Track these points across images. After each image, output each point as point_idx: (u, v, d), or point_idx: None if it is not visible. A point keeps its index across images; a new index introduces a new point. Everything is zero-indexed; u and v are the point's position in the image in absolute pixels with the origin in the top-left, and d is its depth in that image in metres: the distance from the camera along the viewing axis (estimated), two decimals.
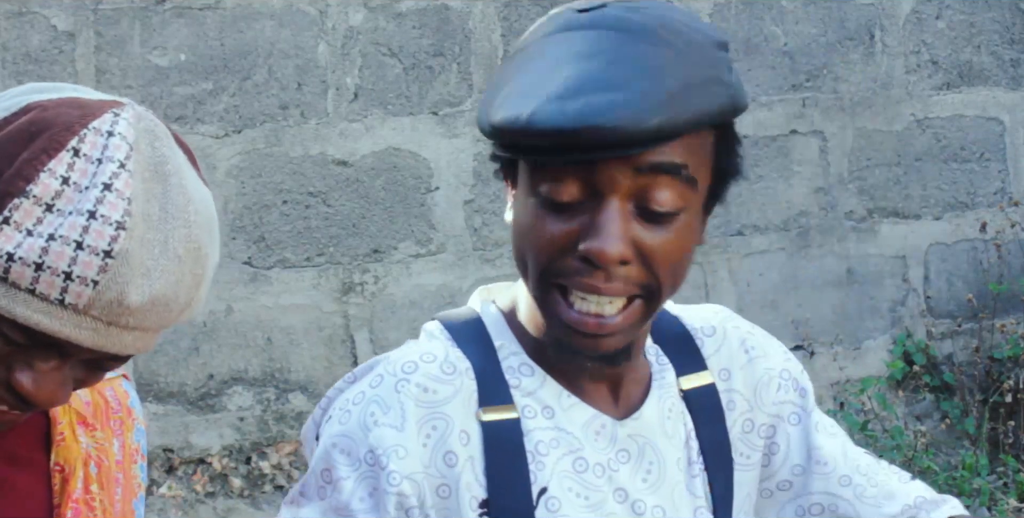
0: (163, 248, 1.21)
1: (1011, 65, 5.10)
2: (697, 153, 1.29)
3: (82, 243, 1.17)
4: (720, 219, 4.60)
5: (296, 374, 4.08)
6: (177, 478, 3.97)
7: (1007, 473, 4.61)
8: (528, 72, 1.29)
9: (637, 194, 1.27)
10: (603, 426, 1.36)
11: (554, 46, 1.30)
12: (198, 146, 3.98)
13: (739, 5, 4.65)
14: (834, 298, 4.77)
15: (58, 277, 1.17)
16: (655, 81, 1.24)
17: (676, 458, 1.39)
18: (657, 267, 1.29)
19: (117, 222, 1.17)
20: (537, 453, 1.33)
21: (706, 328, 1.47)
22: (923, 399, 4.91)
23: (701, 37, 1.30)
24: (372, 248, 4.17)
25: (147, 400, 3.93)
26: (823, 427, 1.49)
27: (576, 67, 1.26)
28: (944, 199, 4.97)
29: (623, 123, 1.22)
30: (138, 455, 1.49)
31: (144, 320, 1.22)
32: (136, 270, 1.19)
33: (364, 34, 4.16)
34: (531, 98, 1.25)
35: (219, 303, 3.99)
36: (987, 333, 4.90)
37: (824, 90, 4.78)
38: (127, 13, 3.91)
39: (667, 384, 1.41)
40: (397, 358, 1.35)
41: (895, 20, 4.90)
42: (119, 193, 1.18)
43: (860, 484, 1.46)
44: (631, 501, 1.35)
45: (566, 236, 1.27)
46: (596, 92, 1.23)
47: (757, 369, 1.47)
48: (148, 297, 1.20)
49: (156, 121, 1.25)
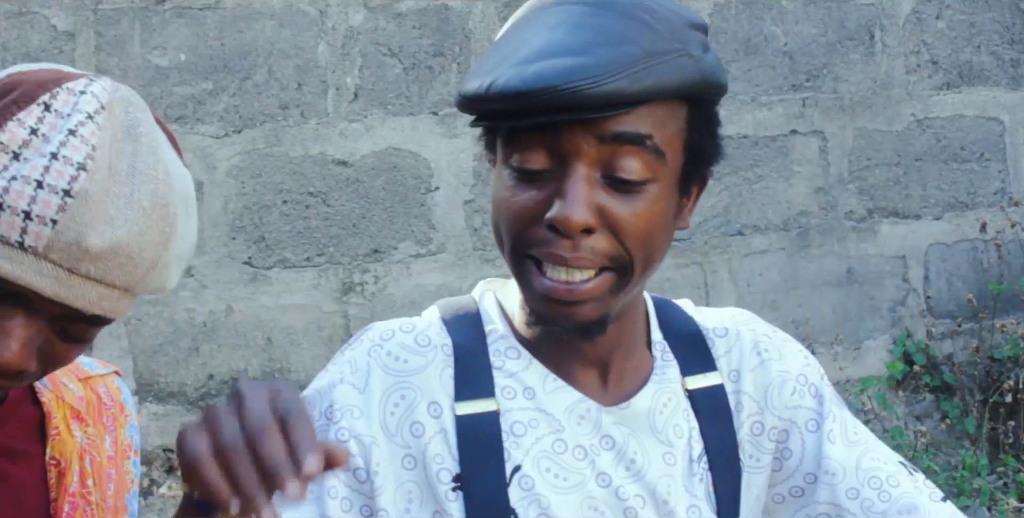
0: (128, 200, 1.21)
1: (1011, 65, 5.10)
2: (665, 126, 1.28)
3: (42, 182, 1.18)
4: (720, 219, 4.60)
5: (296, 374, 4.08)
6: (177, 478, 3.97)
7: (1007, 473, 4.61)
8: (497, 49, 1.31)
9: (603, 163, 1.27)
10: (588, 410, 1.36)
11: (524, 24, 1.32)
12: (198, 146, 3.98)
13: (739, 5, 4.65)
14: (834, 298, 4.77)
15: (17, 217, 1.18)
16: (616, 48, 1.25)
17: (663, 453, 1.37)
18: (625, 238, 1.28)
19: (79, 163, 1.19)
20: (512, 433, 1.33)
21: (719, 329, 1.46)
22: (923, 399, 4.91)
23: (674, 16, 1.30)
24: (372, 248, 4.17)
25: (147, 400, 3.93)
26: (841, 435, 1.45)
27: (540, 37, 1.28)
28: (944, 199, 4.97)
29: (579, 85, 1.22)
30: (131, 451, 1.49)
31: (107, 271, 1.21)
32: (97, 214, 1.19)
33: (364, 34, 4.16)
34: (496, 67, 1.27)
35: (219, 303, 3.99)
36: (987, 333, 4.90)
37: (824, 90, 4.78)
38: (127, 13, 3.91)
39: (667, 380, 1.41)
40: (381, 325, 1.39)
41: (895, 20, 4.90)
42: (83, 139, 1.20)
43: (868, 498, 1.42)
44: (614, 487, 1.35)
45: (535, 205, 1.28)
46: (555, 57, 1.24)
47: (770, 372, 1.44)
48: (109, 243, 1.20)
49: (135, 95, 1.27)
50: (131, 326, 3.91)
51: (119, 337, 3.90)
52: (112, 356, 3.89)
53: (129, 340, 3.91)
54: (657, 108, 1.27)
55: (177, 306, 3.95)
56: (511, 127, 1.29)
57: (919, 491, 1.44)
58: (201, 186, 3.98)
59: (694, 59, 1.28)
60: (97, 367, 1.50)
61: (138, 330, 3.92)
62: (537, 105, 1.24)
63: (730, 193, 4.62)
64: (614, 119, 1.25)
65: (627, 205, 1.27)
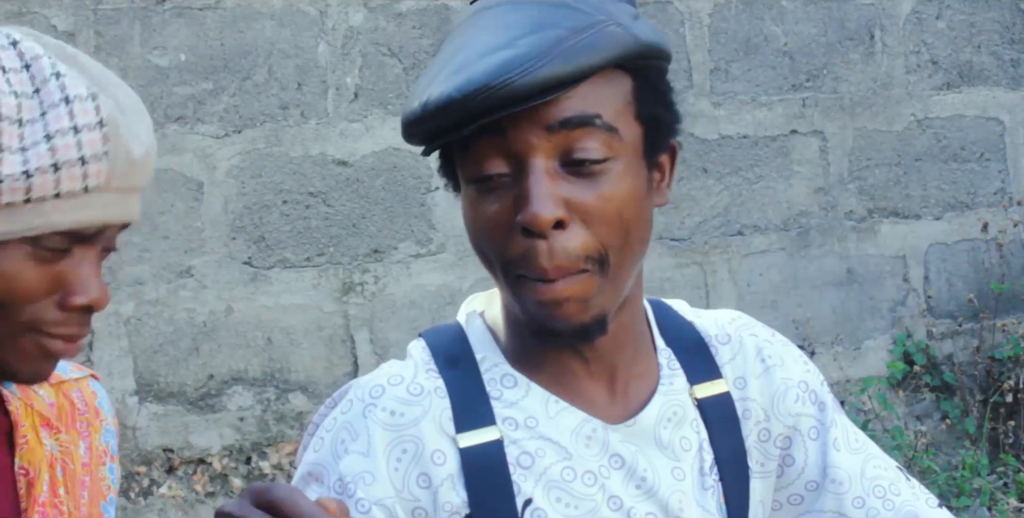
0: (117, 104, 1.26)
1: (1011, 65, 5.10)
2: (611, 101, 1.26)
3: (77, 126, 1.23)
4: (720, 219, 4.60)
5: (296, 374, 4.08)
6: (177, 478, 3.96)
7: (1007, 473, 4.61)
8: (426, 72, 1.30)
9: (558, 152, 1.24)
10: (594, 431, 1.33)
11: (447, 42, 1.31)
12: (198, 146, 3.98)
13: (739, 5, 4.65)
14: (834, 298, 4.77)
15: (75, 167, 1.22)
16: (542, 34, 1.22)
17: (672, 468, 1.35)
18: (598, 225, 1.25)
19: (89, 94, 1.24)
20: (519, 466, 1.30)
21: (721, 336, 1.43)
22: (923, 399, 4.91)
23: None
24: (372, 248, 4.17)
25: (147, 400, 3.93)
26: (844, 442, 1.43)
27: (464, 46, 1.26)
28: (944, 199, 4.97)
29: (511, 77, 1.20)
30: (107, 456, 1.48)
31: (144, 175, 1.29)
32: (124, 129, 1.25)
33: (364, 34, 4.16)
34: (426, 88, 1.26)
35: (219, 303, 3.99)
36: (987, 333, 4.90)
37: (824, 90, 4.78)
38: (127, 13, 3.91)
39: (675, 390, 1.38)
40: (366, 382, 1.34)
41: (895, 20, 4.90)
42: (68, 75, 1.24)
43: (874, 507, 1.41)
44: (626, 509, 1.32)
45: (504, 212, 1.26)
46: (482, 57, 1.22)
47: (774, 379, 1.42)
48: (145, 149, 1.28)
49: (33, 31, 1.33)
50: (131, 326, 3.91)
51: (119, 337, 3.90)
52: (112, 356, 3.89)
53: (129, 340, 3.91)
54: (598, 85, 1.24)
55: (177, 306, 3.95)
56: (460, 139, 1.26)
57: (917, 498, 1.43)
58: (201, 186, 3.98)
59: (623, 27, 1.25)
60: (71, 371, 1.47)
61: (138, 330, 3.91)
62: (477, 109, 1.21)
63: (730, 193, 4.62)
64: (557, 106, 1.23)
65: (592, 189, 1.25)
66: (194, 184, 3.97)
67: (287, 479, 4.06)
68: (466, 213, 1.31)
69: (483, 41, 1.24)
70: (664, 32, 4.91)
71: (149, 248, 3.91)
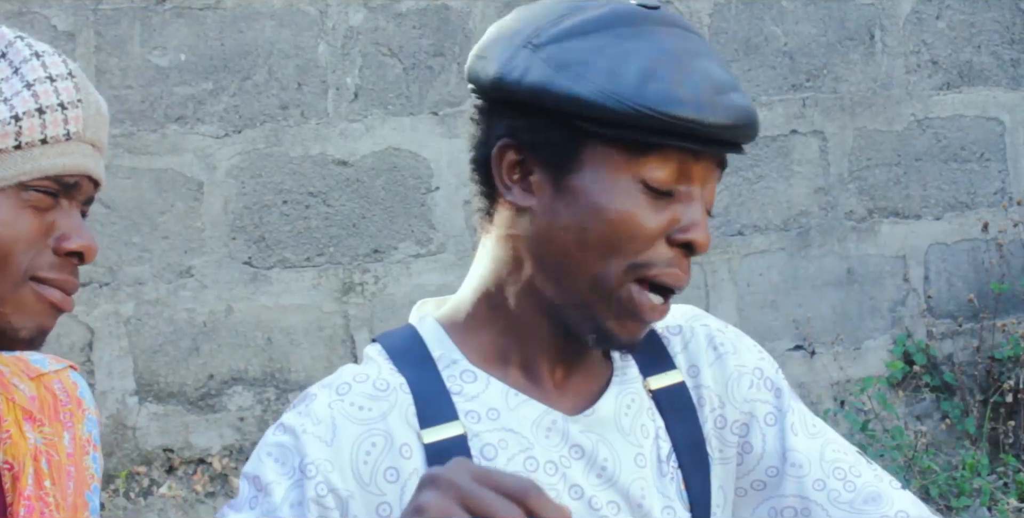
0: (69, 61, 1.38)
1: (1011, 65, 5.10)
2: None
3: (51, 75, 1.34)
4: (720, 219, 4.60)
5: (296, 374, 4.08)
6: (177, 478, 3.96)
7: (1007, 473, 4.61)
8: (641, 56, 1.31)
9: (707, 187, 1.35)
10: (553, 422, 1.35)
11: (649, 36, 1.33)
12: (198, 146, 3.98)
13: (739, 5, 4.65)
14: (834, 298, 4.77)
15: (56, 112, 1.33)
16: (742, 91, 1.37)
17: (635, 455, 1.37)
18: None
19: (55, 51, 1.36)
20: (483, 457, 1.32)
21: (672, 327, 1.46)
22: (923, 399, 4.91)
23: None
24: (372, 248, 4.17)
25: (147, 400, 3.93)
26: (802, 427, 1.45)
27: (695, 62, 1.32)
28: (944, 199, 4.97)
29: (749, 124, 1.34)
30: (90, 445, 1.49)
31: (107, 133, 1.39)
32: (89, 84, 1.37)
33: (364, 34, 4.16)
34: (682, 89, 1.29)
35: (219, 303, 3.99)
36: (987, 333, 4.90)
37: (824, 90, 4.78)
38: (127, 13, 3.91)
39: (628, 380, 1.41)
40: (331, 381, 1.35)
41: (895, 20, 4.90)
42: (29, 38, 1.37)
43: (835, 489, 1.42)
44: (587, 497, 1.34)
45: (667, 224, 1.31)
46: (733, 91, 1.33)
47: (727, 366, 1.44)
48: (104, 105, 1.38)
49: None
50: (131, 326, 3.91)
51: (119, 337, 3.90)
52: (112, 356, 3.89)
53: (129, 340, 3.91)
54: None
55: (177, 306, 3.95)
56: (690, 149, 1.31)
57: (880, 479, 1.45)
58: (201, 186, 3.98)
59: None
60: (50, 363, 1.50)
61: (138, 330, 3.92)
62: (711, 135, 1.30)
63: (730, 193, 4.62)
64: None
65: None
66: (194, 184, 3.97)
67: None
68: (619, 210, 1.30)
69: (713, 68, 1.33)
70: None
71: (149, 248, 3.91)
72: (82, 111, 1.34)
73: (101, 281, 3.86)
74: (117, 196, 3.86)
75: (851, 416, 4.61)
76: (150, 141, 3.93)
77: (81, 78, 1.36)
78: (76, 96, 1.33)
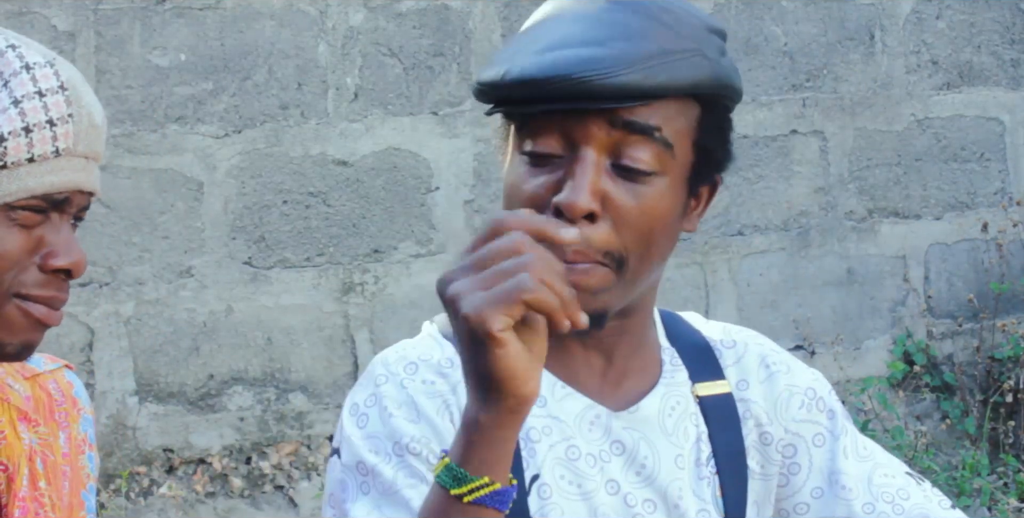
0: (70, 72, 1.34)
1: (1011, 65, 5.10)
2: (675, 121, 1.30)
3: (41, 90, 1.30)
4: (720, 219, 4.60)
5: (296, 374, 4.08)
6: (177, 478, 3.96)
7: (1007, 473, 4.61)
8: (518, 39, 1.34)
9: (613, 150, 1.29)
10: (597, 417, 1.36)
11: (547, 16, 1.34)
12: (198, 146, 3.98)
13: (739, 5, 4.65)
14: (834, 298, 4.77)
15: (45, 130, 1.29)
16: (633, 43, 1.27)
17: (675, 456, 1.38)
18: (625, 229, 1.29)
19: (47, 62, 1.32)
20: (528, 439, 1.33)
21: (726, 341, 1.47)
22: (923, 399, 4.91)
23: (694, 20, 1.33)
24: (372, 248, 4.17)
25: (147, 400, 3.93)
26: (853, 450, 1.45)
27: (561, 28, 1.30)
28: (944, 199, 4.97)
29: (592, 75, 1.25)
30: (85, 445, 1.49)
31: (102, 144, 1.35)
32: (84, 93, 1.33)
33: (364, 34, 4.16)
34: (513, 56, 1.30)
35: (219, 303, 3.99)
36: (987, 333, 4.90)
37: (824, 90, 4.78)
38: (127, 13, 3.91)
39: (676, 383, 1.41)
40: (396, 360, 1.36)
41: (895, 20, 4.90)
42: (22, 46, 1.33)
43: (884, 511, 1.42)
44: (623, 493, 1.35)
45: (545, 190, 1.29)
46: (572, 47, 1.27)
47: (777, 384, 1.45)
48: (101, 114, 1.35)
49: None
50: (131, 326, 3.91)
51: (119, 337, 3.90)
52: (112, 356, 3.89)
53: (129, 340, 3.91)
54: (669, 104, 1.29)
55: (177, 306, 3.95)
56: (524, 113, 1.31)
57: (929, 500, 1.45)
58: (201, 186, 3.98)
59: (709, 61, 1.31)
60: (45, 363, 1.50)
61: (138, 330, 3.91)
62: (551, 92, 1.26)
63: (730, 193, 4.62)
64: (626, 109, 1.28)
65: (632, 195, 1.29)
66: (194, 184, 3.97)
67: (287, 479, 4.06)
68: (507, 183, 1.34)
69: (580, 29, 1.29)
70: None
71: (149, 248, 3.91)
72: (72, 126, 1.30)
73: (101, 281, 3.86)
74: (117, 196, 3.86)
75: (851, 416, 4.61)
76: (150, 141, 3.93)
77: (74, 89, 1.32)
78: (67, 111, 1.30)
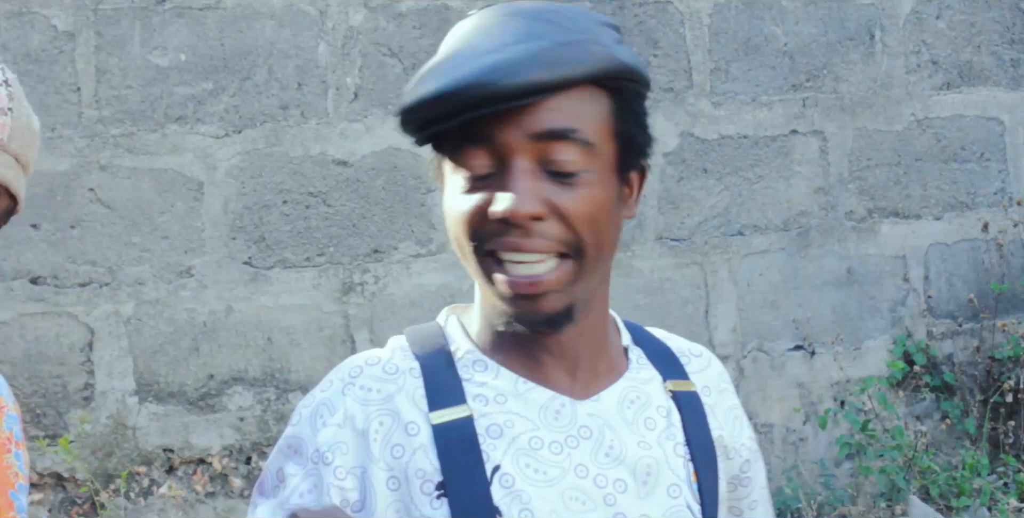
0: (10, 73, 1.35)
1: (1011, 65, 5.10)
2: (590, 118, 1.36)
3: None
4: (720, 219, 4.60)
5: (296, 374, 4.08)
6: (177, 478, 3.97)
7: (1007, 473, 4.61)
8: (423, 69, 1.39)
9: (540, 157, 1.34)
10: (562, 406, 1.42)
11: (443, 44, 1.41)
12: (198, 146, 3.98)
13: (739, 5, 4.65)
14: (834, 298, 4.77)
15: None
16: (530, 43, 1.34)
17: (637, 441, 1.44)
18: (575, 223, 1.35)
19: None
20: (488, 436, 1.39)
21: (693, 350, 1.57)
22: (923, 399, 4.91)
23: (582, 17, 1.39)
24: (372, 248, 4.17)
25: (147, 400, 3.93)
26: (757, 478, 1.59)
27: (463, 45, 1.37)
28: (944, 199, 4.97)
29: (497, 77, 1.31)
30: (11, 443, 1.48)
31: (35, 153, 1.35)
32: (24, 101, 1.33)
33: (364, 34, 4.16)
34: (421, 83, 1.36)
35: (219, 303, 3.99)
36: (987, 333, 4.90)
37: (824, 90, 4.78)
38: (127, 13, 3.91)
39: (641, 379, 1.48)
40: (346, 364, 1.45)
41: (895, 20, 4.90)
42: None
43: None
44: (592, 475, 1.41)
45: (484, 205, 1.35)
46: (477, 58, 1.34)
47: (726, 402, 1.55)
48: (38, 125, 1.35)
49: None
50: (131, 326, 3.91)
51: (119, 337, 3.90)
52: (112, 356, 3.89)
53: (129, 340, 3.91)
54: (579, 102, 1.35)
55: (177, 306, 3.95)
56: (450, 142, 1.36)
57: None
58: (201, 186, 3.98)
59: (604, 47, 1.36)
60: None
61: (138, 330, 3.91)
62: (464, 103, 1.32)
63: (730, 193, 4.62)
64: (540, 117, 1.33)
65: (569, 194, 1.34)
66: (194, 184, 3.97)
67: None
68: (448, 209, 1.40)
69: (476, 44, 1.35)
70: (664, 32, 4.92)
71: (149, 248, 3.91)
72: (11, 120, 1.30)
73: (101, 281, 3.86)
74: (117, 196, 3.87)
75: (851, 416, 4.61)
76: (150, 141, 3.93)
77: (17, 91, 1.32)
78: (7, 104, 1.30)
